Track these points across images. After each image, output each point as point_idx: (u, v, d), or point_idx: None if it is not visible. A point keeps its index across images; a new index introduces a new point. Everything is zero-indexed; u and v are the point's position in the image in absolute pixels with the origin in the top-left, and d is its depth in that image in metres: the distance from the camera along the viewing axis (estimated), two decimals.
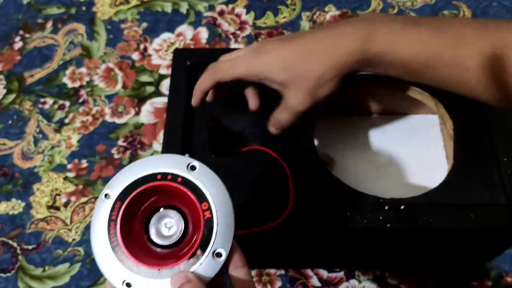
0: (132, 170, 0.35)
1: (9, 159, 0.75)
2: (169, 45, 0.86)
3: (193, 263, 0.33)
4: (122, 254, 0.34)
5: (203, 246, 0.33)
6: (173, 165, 0.35)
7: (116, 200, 0.35)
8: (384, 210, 0.51)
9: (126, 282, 0.33)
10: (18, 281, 0.66)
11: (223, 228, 0.34)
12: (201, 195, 0.34)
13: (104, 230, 0.34)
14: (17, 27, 0.90)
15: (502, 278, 0.64)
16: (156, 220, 0.35)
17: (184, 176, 0.35)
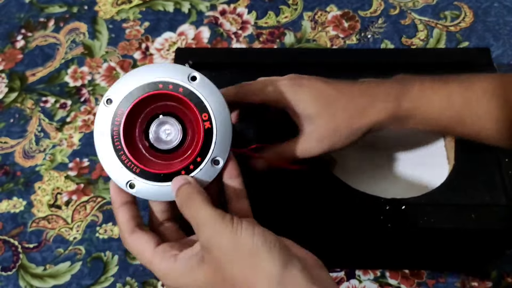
0: (135, 77, 0.36)
1: (11, 158, 0.76)
2: (170, 45, 0.86)
3: (193, 169, 0.36)
4: (126, 158, 0.36)
5: (203, 154, 0.36)
6: (175, 74, 0.36)
7: (119, 106, 0.36)
8: (385, 210, 0.51)
9: (130, 183, 0.36)
10: (19, 280, 0.66)
11: (221, 138, 0.36)
12: (201, 106, 0.36)
13: (108, 134, 0.36)
14: (19, 25, 0.90)
15: (503, 279, 0.64)
16: (155, 126, 0.37)
17: (185, 86, 0.36)
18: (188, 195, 0.35)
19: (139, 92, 0.36)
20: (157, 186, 0.36)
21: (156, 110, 0.37)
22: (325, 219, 0.51)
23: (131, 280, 0.65)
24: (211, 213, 0.33)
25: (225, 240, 0.32)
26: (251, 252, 0.31)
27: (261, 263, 0.31)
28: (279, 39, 0.86)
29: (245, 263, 0.31)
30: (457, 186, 0.53)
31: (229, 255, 0.32)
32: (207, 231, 0.33)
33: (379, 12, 0.88)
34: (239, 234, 0.32)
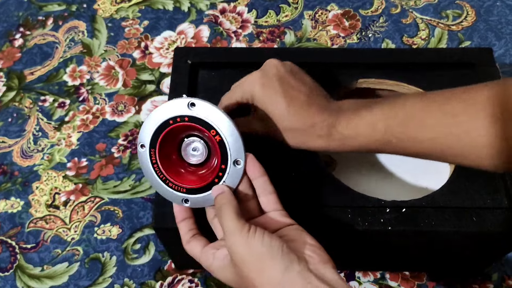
0: (150, 122, 0.45)
1: (9, 157, 0.75)
2: (170, 43, 0.85)
3: (222, 175, 0.44)
4: (173, 185, 0.46)
5: (224, 161, 0.44)
6: (177, 108, 0.44)
7: (150, 148, 0.45)
8: (386, 213, 0.51)
9: (184, 200, 0.46)
10: (17, 281, 0.65)
11: (233, 143, 0.43)
12: (207, 125, 0.43)
13: (152, 172, 0.46)
14: (18, 24, 0.89)
15: (504, 281, 0.63)
16: (185, 147, 0.46)
17: (189, 115, 0.43)
18: (221, 205, 0.42)
19: (158, 133, 0.45)
20: (202, 196, 0.45)
21: (178, 138, 0.46)
22: (325, 221, 0.51)
23: (129, 281, 0.64)
24: (234, 225, 0.40)
25: (241, 248, 0.39)
26: (258, 258, 0.38)
27: (266, 268, 0.38)
28: (279, 38, 0.85)
29: (254, 267, 0.38)
30: (458, 188, 0.52)
31: (244, 260, 0.39)
32: (229, 240, 0.40)
33: (380, 11, 0.87)
34: (251, 243, 0.39)
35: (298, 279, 0.37)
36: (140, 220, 0.69)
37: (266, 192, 0.45)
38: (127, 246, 0.67)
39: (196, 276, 0.64)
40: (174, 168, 0.47)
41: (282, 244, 0.39)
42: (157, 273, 0.65)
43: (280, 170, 0.54)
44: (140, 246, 0.67)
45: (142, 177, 0.72)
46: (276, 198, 0.45)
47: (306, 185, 0.53)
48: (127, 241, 0.67)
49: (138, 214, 0.69)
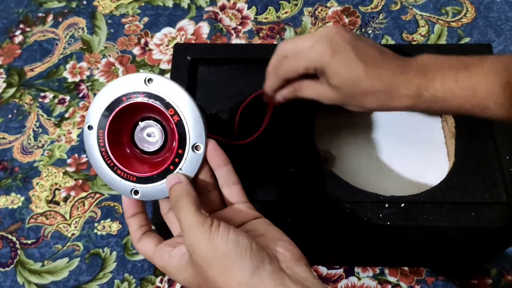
0: (101, 98, 0.39)
1: (9, 153, 0.75)
2: (170, 40, 0.85)
3: (179, 161, 0.38)
4: (121, 171, 0.39)
5: (182, 144, 0.38)
6: (132, 84, 0.38)
7: (98, 129, 0.39)
8: (385, 208, 0.51)
9: (134, 191, 0.40)
10: (17, 276, 0.65)
11: (193, 125, 0.38)
12: (165, 103, 0.38)
13: (99, 157, 0.40)
14: (18, 20, 0.90)
15: (503, 277, 0.64)
16: (139, 133, 0.40)
17: (145, 91, 0.38)
18: (177, 196, 0.37)
19: (110, 111, 0.39)
20: (155, 186, 0.39)
21: (132, 119, 0.40)
22: (324, 216, 0.51)
23: (129, 277, 0.65)
24: (194, 220, 0.35)
25: (203, 245, 0.34)
26: (224, 257, 0.34)
27: (233, 268, 0.33)
28: (279, 34, 0.85)
29: (220, 266, 0.34)
30: (457, 183, 0.52)
31: (207, 259, 0.34)
32: (189, 236, 0.35)
33: (379, 8, 0.88)
34: (215, 240, 0.34)
35: (270, 280, 0.33)
36: None
37: (230, 183, 0.40)
38: (127, 241, 0.67)
39: None
40: (124, 154, 0.41)
41: (250, 242, 0.34)
42: (157, 268, 0.65)
43: (279, 166, 0.54)
44: None
45: None
46: (241, 189, 0.41)
47: (304, 180, 0.53)
48: (127, 236, 0.67)
49: None
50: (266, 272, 0.34)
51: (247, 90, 0.60)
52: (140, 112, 0.40)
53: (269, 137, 0.55)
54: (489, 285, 0.63)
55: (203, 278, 0.35)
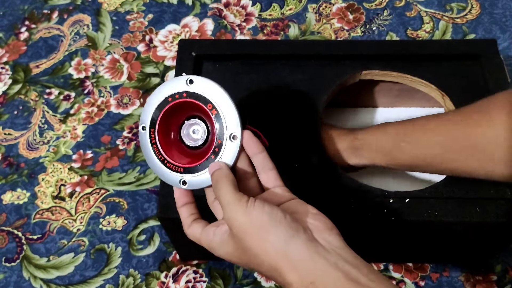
0: (150, 102, 0.45)
1: (15, 149, 0.76)
2: (174, 37, 0.86)
3: (218, 151, 0.43)
4: (170, 164, 0.44)
5: (220, 135, 0.43)
6: (176, 86, 0.44)
7: (150, 128, 0.45)
8: (389, 203, 0.51)
9: (182, 181, 0.44)
10: (23, 271, 0.66)
11: (229, 117, 0.42)
12: (204, 100, 0.43)
13: (151, 153, 0.45)
14: (23, 17, 0.90)
15: (507, 273, 0.64)
16: (184, 129, 0.45)
17: (187, 91, 0.43)
18: (217, 179, 0.41)
19: (159, 111, 0.45)
20: (200, 175, 0.44)
21: (179, 118, 0.46)
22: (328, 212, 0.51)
23: (134, 272, 0.65)
24: (232, 196, 0.39)
25: (241, 217, 0.38)
26: (260, 228, 0.37)
27: (269, 237, 0.37)
28: (283, 31, 0.85)
29: (256, 236, 0.37)
30: (461, 179, 0.52)
31: (244, 231, 0.38)
32: (228, 210, 0.39)
33: (384, 4, 0.87)
34: (251, 212, 0.38)
35: (304, 248, 0.36)
36: (145, 211, 0.69)
37: (266, 169, 0.44)
38: (132, 237, 0.67)
39: (201, 267, 0.65)
40: (173, 149, 0.46)
41: (284, 214, 0.38)
42: (162, 264, 0.65)
43: (284, 162, 0.54)
44: (145, 237, 0.67)
45: (147, 169, 0.72)
46: (277, 174, 0.44)
47: (309, 176, 0.53)
48: (132, 232, 0.68)
49: (143, 206, 0.70)
50: (300, 240, 0.36)
51: (252, 86, 0.60)
52: (185, 110, 0.45)
53: (274, 133, 0.55)
54: (493, 281, 0.63)
55: (242, 249, 0.38)
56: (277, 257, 0.36)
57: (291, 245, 0.36)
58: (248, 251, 0.38)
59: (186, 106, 0.44)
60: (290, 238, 0.36)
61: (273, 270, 0.37)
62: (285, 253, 0.36)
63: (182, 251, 0.64)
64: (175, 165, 0.44)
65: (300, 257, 0.36)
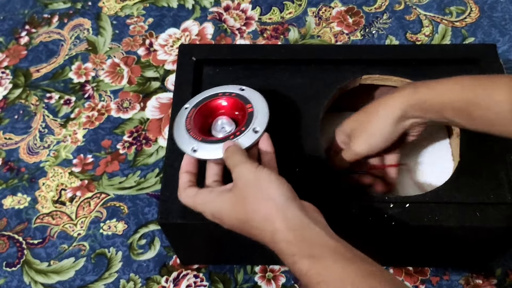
0: (203, 94, 0.53)
1: (15, 154, 0.76)
2: (174, 41, 0.86)
3: (239, 135, 0.48)
4: (193, 133, 0.49)
5: (247, 125, 0.49)
6: (230, 88, 0.53)
7: (191, 108, 0.52)
8: (390, 208, 0.51)
9: (193, 149, 0.48)
10: (24, 276, 0.66)
11: (260, 116, 0.49)
12: (247, 100, 0.51)
13: (183, 121, 0.51)
14: (23, 22, 0.90)
15: (508, 276, 0.64)
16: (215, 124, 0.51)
17: (237, 93, 0.52)
18: (232, 151, 0.46)
19: (206, 99, 0.53)
20: (212, 146, 0.48)
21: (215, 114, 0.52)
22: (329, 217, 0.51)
23: (135, 276, 0.65)
24: (245, 159, 0.44)
25: (250, 174, 0.42)
26: (266, 185, 0.41)
27: (272, 194, 0.41)
28: (283, 35, 0.85)
29: (260, 191, 0.41)
30: (461, 184, 0.52)
31: (250, 186, 0.42)
32: (239, 168, 0.43)
33: (383, 8, 0.88)
34: (260, 172, 0.42)
35: (298, 210, 0.40)
36: (146, 216, 0.69)
37: (270, 167, 0.47)
38: (132, 241, 0.67)
39: (201, 271, 0.65)
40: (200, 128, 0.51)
41: (286, 182, 0.42)
42: (163, 268, 0.66)
43: (284, 166, 0.54)
44: (146, 242, 0.67)
45: (147, 173, 0.72)
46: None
47: (310, 181, 0.53)
48: (133, 236, 0.68)
49: (143, 210, 0.70)
50: (296, 203, 0.41)
51: None
52: (227, 108, 0.52)
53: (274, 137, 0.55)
54: (494, 285, 0.63)
55: (241, 199, 0.42)
56: (274, 209, 0.40)
57: (287, 203, 0.41)
58: (247, 202, 0.41)
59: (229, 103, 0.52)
60: (288, 199, 0.41)
61: (265, 220, 0.40)
62: (283, 209, 0.40)
63: (183, 255, 0.64)
64: (196, 134, 0.49)
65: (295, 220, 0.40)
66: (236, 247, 0.60)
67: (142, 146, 0.75)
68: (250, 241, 0.55)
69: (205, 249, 0.62)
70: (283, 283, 0.64)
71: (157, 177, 0.72)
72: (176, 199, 0.52)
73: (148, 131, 0.76)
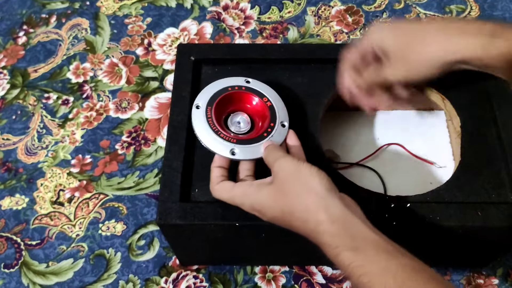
0: (209, 88, 0.53)
1: (13, 155, 0.75)
2: (173, 40, 0.85)
3: (271, 131, 0.51)
4: (223, 135, 0.50)
5: (273, 121, 0.51)
6: (236, 81, 0.54)
7: (206, 107, 0.51)
8: (390, 208, 0.51)
9: (232, 151, 0.49)
10: (22, 277, 0.65)
11: (280, 109, 0.53)
12: (260, 94, 0.53)
13: (205, 124, 0.50)
14: (21, 22, 0.90)
15: (509, 276, 0.63)
16: (232, 118, 0.53)
17: (245, 86, 0.54)
18: (271, 148, 0.48)
19: (216, 96, 0.52)
20: (250, 147, 0.49)
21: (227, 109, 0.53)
22: None
23: (134, 277, 0.65)
24: (284, 154, 0.46)
25: (291, 167, 0.44)
26: (307, 177, 0.42)
27: (313, 186, 0.42)
28: (282, 34, 0.85)
29: (301, 183, 0.42)
30: (463, 183, 0.52)
31: (292, 178, 0.43)
32: (279, 162, 0.45)
33: (383, 7, 0.87)
34: (301, 166, 0.43)
35: (337, 201, 0.41)
36: (145, 216, 0.69)
37: (301, 159, 0.48)
38: (131, 242, 0.67)
39: (201, 272, 0.65)
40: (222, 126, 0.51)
41: (327, 176, 0.43)
42: (162, 269, 0.65)
43: None
44: (145, 243, 0.67)
45: (146, 173, 0.72)
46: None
47: None
48: (132, 237, 0.67)
49: (142, 211, 0.69)
50: (336, 195, 0.42)
51: None
52: (240, 101, 0.53)
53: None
54: (495, 285, 0.63)
55: (282, 192, 0.43)
56: (316, 201, 0.41)
57: (329, 194, 0.41)
58: (288, 194, 0.42)
59: (242, 97, 0.53)
60: (332, 192, 0.42)
61: (308, 211, 0.41)
62: (323, 198, 0.41)
63: (182, 256, 0.64)
64: (228, 136, 0.50)
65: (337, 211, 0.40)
66: (235, 247, 0.60)
67: (141, 146, 0.75)
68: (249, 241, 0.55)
69: (205, 250, 0.61)
70: (283, 283, 0.64)
71: (156, 177, 0.72)
72: (175, 199, 0.51)
73: (146, 131, 0.76)
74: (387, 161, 0.63)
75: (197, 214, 0.50)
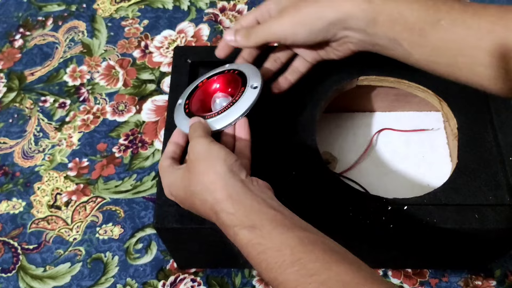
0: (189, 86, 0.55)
1: (10, 158, 0.75)
2: (170, 43, 0.85)
3: (238, 99, 0.49)
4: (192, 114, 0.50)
5: (244, 84, 0.50)
6: (214, 71, 0.55)
7: (185, 101, 0.53)
8: (387, 210, 0.51)
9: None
10: (19, 281, 0.65)
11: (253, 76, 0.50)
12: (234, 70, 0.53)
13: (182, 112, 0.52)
14: (18, 24, 0.89)
15: (507, 278, 0.63)
16: (214, 103, 0.53)
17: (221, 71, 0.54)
18: (195, 127, 0.47)
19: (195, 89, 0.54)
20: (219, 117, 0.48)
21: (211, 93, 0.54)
22: (326, 219, 0.51)
23: (132, 281, 0.64)
24: (201, 134, 0.45)
25: (202, 148, 0.43)
26: (213, 158, 0.42)
27: (216, 166, 0.42)
28: None
29: (206, 164, 0.42)
30: (460, 185, 0.52)
31: (200, 159, 0.43)
32: (193, 142, 0.44)
33: None
34: (212, 146, 0.43)
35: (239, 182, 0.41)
36: (142, 219, 0.69)
37: (241, 156, 0.47)
38: (129, 246, 0.67)
39: (199, 275, 0.64)
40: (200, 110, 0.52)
41: (236, 159, 0.43)
42: (160, 272, 0.65)
43: (281, 169, 0.53)
44: (142, 246, 0.67)
45: (143, 176, 0.72)
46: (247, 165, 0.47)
47: (307, 183, 0.53)
48: (129, 241, 0.67)
49: (139, 214, 0.69)
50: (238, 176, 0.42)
51: None
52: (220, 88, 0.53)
53: (271, 139, 0.55)
54: (493, 286, 0.63)
55: (189, 173, 0.43)
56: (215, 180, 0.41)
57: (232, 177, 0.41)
58: (193, 174, 0.42)
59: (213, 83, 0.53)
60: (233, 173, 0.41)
61: (207, 190, 0.41)
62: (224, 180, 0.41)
63: (180, 259, 0.63)
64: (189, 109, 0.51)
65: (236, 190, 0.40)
66: (233, 250, 0.59)
67: (138, 149, 0.74)
68: None
69: (202, 253, 0.61)
70: None
71: (153, 180, 0.71)
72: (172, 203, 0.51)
73: (144, 134, 0.76)
74: (384, 163, 0.63)
75: (194, 217, 0.50)
